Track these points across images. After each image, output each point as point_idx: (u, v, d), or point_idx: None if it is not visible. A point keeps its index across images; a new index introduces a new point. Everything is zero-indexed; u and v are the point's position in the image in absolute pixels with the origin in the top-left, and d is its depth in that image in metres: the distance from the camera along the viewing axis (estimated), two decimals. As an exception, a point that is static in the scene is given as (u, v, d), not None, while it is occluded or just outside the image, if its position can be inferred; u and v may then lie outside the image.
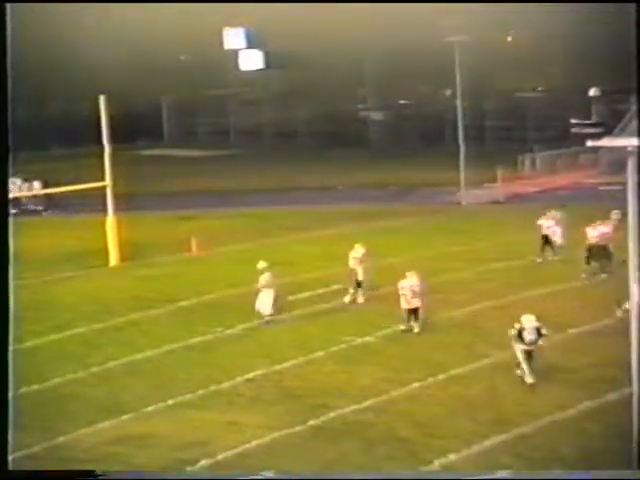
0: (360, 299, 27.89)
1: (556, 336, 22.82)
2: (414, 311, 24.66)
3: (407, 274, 25.04)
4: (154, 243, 38.31)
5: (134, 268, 34.45)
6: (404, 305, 24.84)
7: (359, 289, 27.97)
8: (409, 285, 24.74)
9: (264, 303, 26.10)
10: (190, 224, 42.63)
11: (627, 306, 19.38)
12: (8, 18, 14.62)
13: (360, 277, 27.98)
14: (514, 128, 70.14)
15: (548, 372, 21.24)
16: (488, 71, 67.33)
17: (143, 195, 50.34)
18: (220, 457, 17.73)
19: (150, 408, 20.18)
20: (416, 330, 24.56)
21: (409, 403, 19.94)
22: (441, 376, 21.32)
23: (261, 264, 26.86)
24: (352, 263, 28.31)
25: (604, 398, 19.37)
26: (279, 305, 26.49)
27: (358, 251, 28.46)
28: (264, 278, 26.47)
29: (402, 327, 24.70)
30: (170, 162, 68.92)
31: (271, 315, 26.03)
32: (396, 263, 33.04)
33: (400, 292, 24.87)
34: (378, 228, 40.80)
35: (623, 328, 15.62)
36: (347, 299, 27.95)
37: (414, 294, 24.58)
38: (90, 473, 15.44)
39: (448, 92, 64.80)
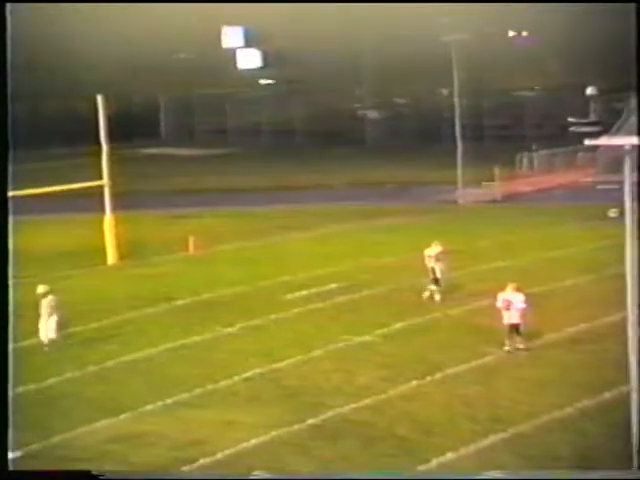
0: (437, 297, 27.25)
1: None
2: (515, 327, 22.62)
3: (507, 287, 22.90)
4: (152, 242, 38.29)
5: (132, 267, 34.44)
6: (505, 320, 22.69)
7: (437, 287, 27.27)
8: (510, 298, 22.75)
9: (45, 329, 24.16)
10: (188, 223, 42.62)
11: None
12: (8, 18, 14.65)
13: (438, 274, 27.32)
14: (512, 127, 70.19)
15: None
16: (485, 70, 67.37)
17: (141, 194, 50.33)
18: (218, 456, 17.72)
19: (148, 407, 20.18)
20: (521, 346, 22.53)
21: (407, 402, 19.94)
22: (439, 375, 21.33)
23: (40, 289, 24.66)
24: (427, 261, 27.75)
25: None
26: (64, 329, 24.65)
27: (434, 249, 27.90)
28: (46, 303, 24.22)
29: (506, 347, 22.60)
30: (168, 161, 68.88)
31: (53, 340, 23.99)
32: (393, 262, 33.09)
33: (500, 305, 22.84)
34: (375, 227, 40.82)
35: None
36: (437, 298, 27.27)
37: (515, 309, 22.57)
38: (90, 473, 15.43)
39: (445, 91, 64.81)
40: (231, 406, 20.18)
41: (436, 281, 27.44)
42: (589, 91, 72.47)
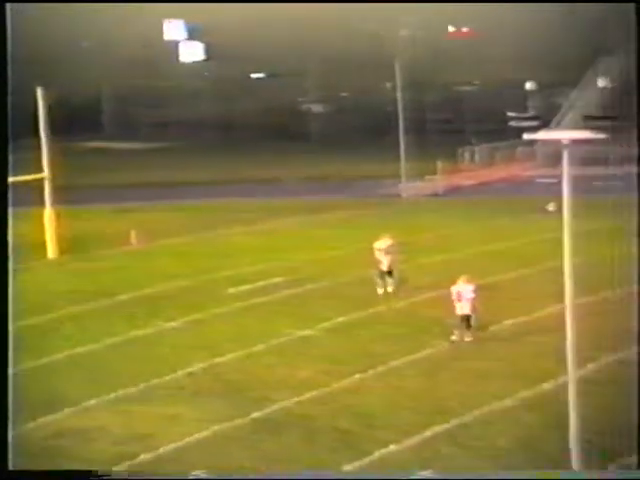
0: (389, 289, 27.40)
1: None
2: (467, 319, 22.98)
3: (459, 279, 23.26)
4: (93, 236, 37.99)
5: (73, 261, 34.14)
6: (457, 311, 23.04)
7: (389, 279, 27.51)
8: (460, 290, 23.06)
9: None
10: (130, 217, 42.35)
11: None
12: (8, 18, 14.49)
13: (385, 268, 27.49)
14: (454, 121, 70.84)
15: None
16: (428, 64, 67.85)
17: (82, 188, 49.86)
18: (162, 451, 17.68)
19: (91, 402, 20.05)
20: (467, 339, 22.87)
21: (350, 395, 20.05)
22: (381, 368, 21.47)
23: None
24: (377, 254, 27.99)
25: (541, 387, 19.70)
26: None
27: (383, 242, 28.12)
28: None
29: (453, 337, 22.90)
30: (110, 154, 68.33)
31: None
32: (337, 255, 33.24)
33: (453, 298, 23.11)
34: (320, 221, 40.95)
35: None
36: (380, 291, 27.52)
37: (466, 300, 22.93)
38: (90, 473, 15.36)
39: (389, 85, 65.19)
40: (174, 401, 20.12)
41: (389, 273, 27.61)
42: (528, 86, 73.42)
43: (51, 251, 34.93)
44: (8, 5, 15.15)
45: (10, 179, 36.26)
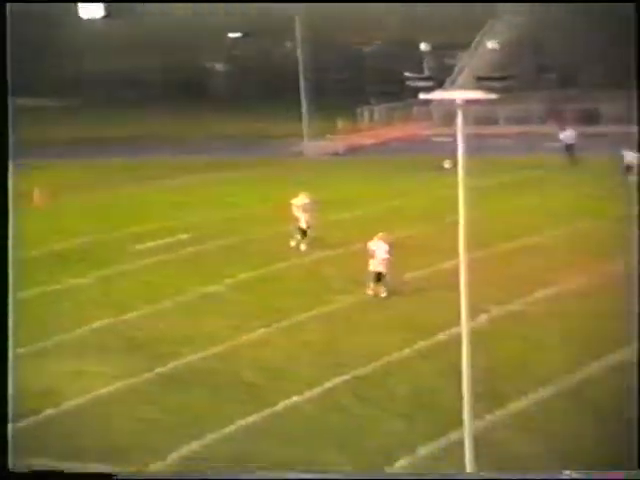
0: (302, 246, 27.75)
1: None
2: (378, 275, 23.33)
3: (376, 237, 23.62)
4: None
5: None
6: (370, 267, 23.39)
7: (303, 237, 27.85)
8: (374, 248, 23.46)
9: None
10: (36, 174, 41.70)
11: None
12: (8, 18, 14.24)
13: (303, 225, 27.87)
14: (354, 80, 71.21)
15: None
16: (328, 23, 68.02)
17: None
18: (65, 406, 17.84)
19: (-7, 359, 20.02)
20: (383, 295, 23.27)
21: (254, 349, 20.47)
22: (285, 322, 21.94)
23: None
24: (294, 210, 28.32)
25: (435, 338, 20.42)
26: None
27: (301, 199, 28.47)
28: None
29: (369, 291, 23.33)
30: (15, 111, 66.84)
31: None
32: (242, 213, 33.53)
33: (369, 254, 23.60)
34: (224, 178, 41.10)
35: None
36: (292, 243, 27.90)
37: (380, 258, 23.27)
38: (91, 473, 15.36)
39: (289, 44, 65.25)
40: (80, 356, 20.24)
41: (303, 231, 27.99)
42: (422, 47, 74.22)
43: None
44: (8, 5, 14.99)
45: None
